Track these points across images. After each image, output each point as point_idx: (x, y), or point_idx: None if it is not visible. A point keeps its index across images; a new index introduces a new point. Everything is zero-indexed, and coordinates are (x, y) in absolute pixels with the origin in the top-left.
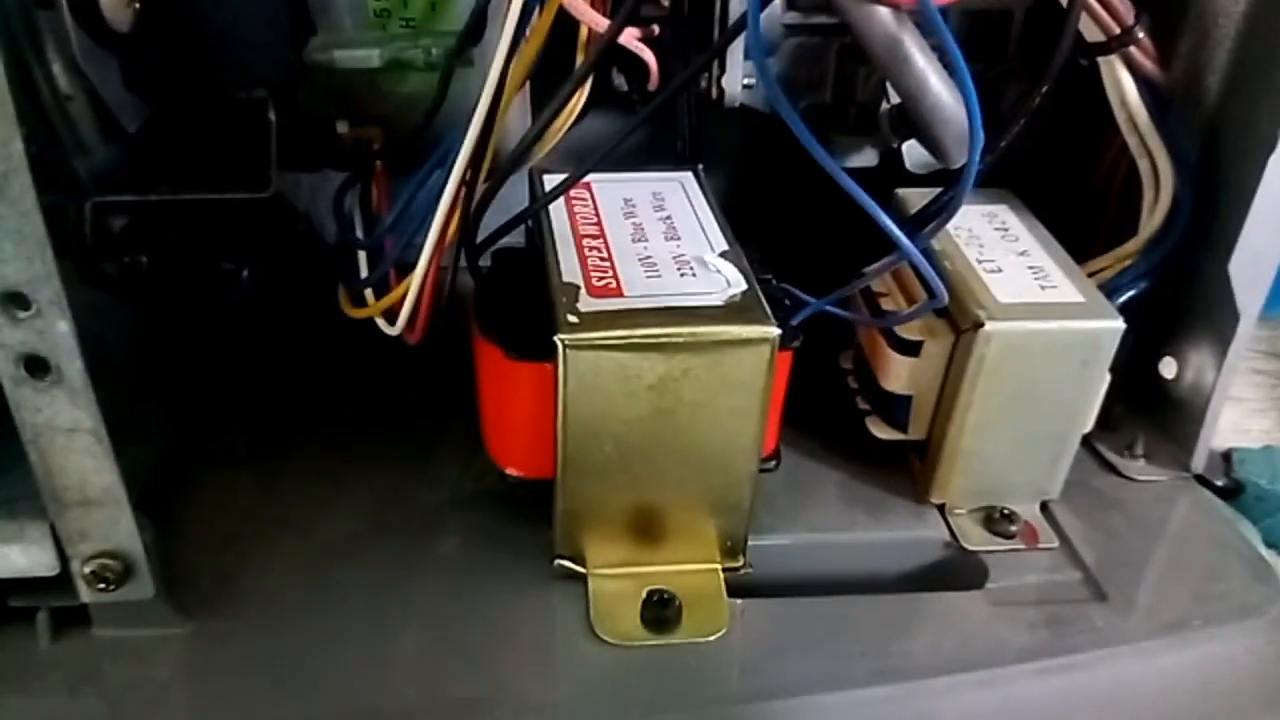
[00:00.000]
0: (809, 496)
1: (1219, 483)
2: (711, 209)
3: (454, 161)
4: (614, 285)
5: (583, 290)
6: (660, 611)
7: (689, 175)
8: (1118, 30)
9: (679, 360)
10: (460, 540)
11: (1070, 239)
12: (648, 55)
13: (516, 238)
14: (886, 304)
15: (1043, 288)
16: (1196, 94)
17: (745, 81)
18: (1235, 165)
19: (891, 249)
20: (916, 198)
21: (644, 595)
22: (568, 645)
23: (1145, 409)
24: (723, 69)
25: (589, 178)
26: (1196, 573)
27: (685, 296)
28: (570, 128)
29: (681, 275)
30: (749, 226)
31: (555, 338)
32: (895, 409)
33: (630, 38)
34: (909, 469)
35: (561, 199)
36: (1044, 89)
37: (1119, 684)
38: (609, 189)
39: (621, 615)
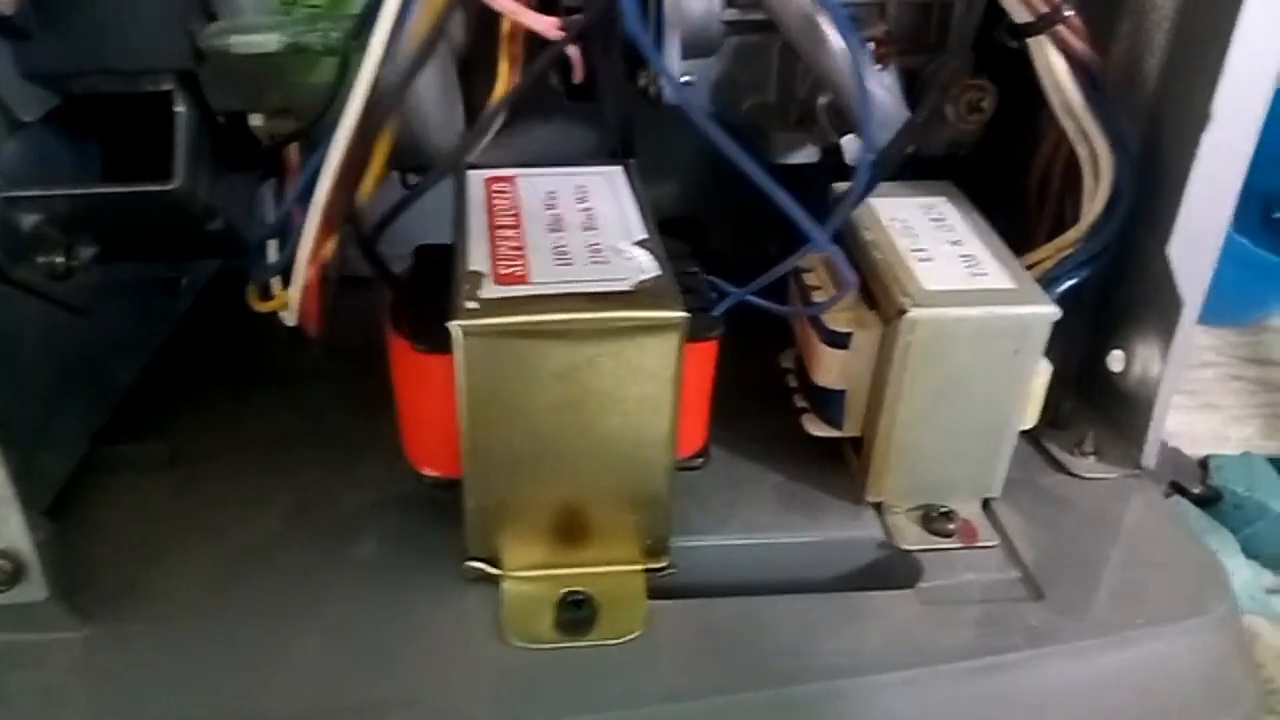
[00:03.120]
0: (745, 497)
1: (1196, 490)
2: (636, 202)
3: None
4: (521, 273)
5: (488, 278)
6: (574, 613)
7: (618, 170)
8: (1045, 9)
9: (584, 347)
10: (377, 544)
11: (1020, 231)
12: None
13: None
14: (818, 297)
15: (973, 275)
16: (1137, 77)
17: (685, 79)
18: (1172, 146)
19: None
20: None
21: (559, 597)
22: (476, 649)
23: (1096, 405)
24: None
25: (515, 172)
26: (1140, 571)
27: (594, 283)
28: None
29: (594, 263)
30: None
31: (451, 324)
32: (829, 405)
33: (550, 28)
34: (849, 468)
35: (483, 192)
36: (951, 64)
37: (1052, 684)
38: (534, 182)
39: (534, 618)
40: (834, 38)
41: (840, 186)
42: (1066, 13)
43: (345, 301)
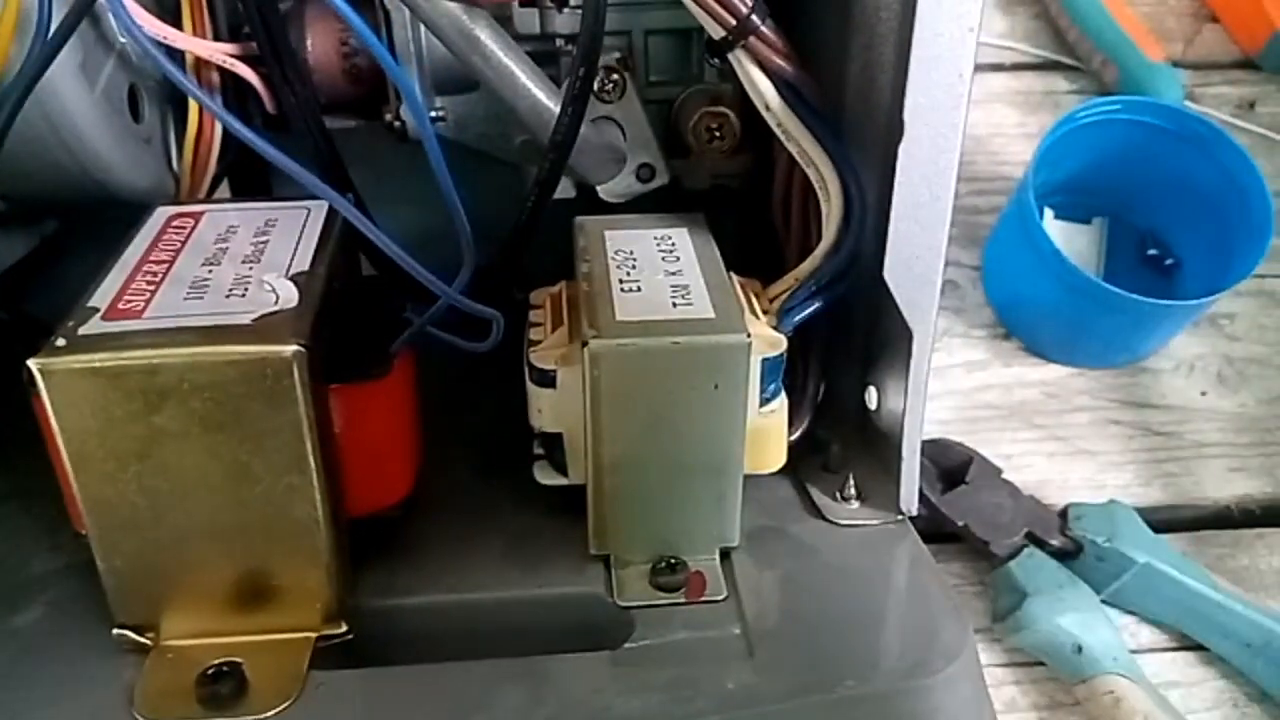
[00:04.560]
0: (470, 550)
1: (1054, 543)
2: (323, 237)
3: None
4: (139, 308)
5: (98, 314)
6: (216, 686)
7: (322, 205)
8: (733, 22)
9: (185, 387)
10: (46, 611)
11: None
12: (248, 74)
13: None
14: (535, 335)
15: (675, 305)
16: (872, 95)
17: (433, 114)
18: (882, 164)
19: None
20: (594, 225)
21: (203, 669)
22: None
23: (863, 446)
24: (400, 100)
25: (205, 207)
26: (867, 628)
27: (213, 316)
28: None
29: (229, 296)
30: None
31: (29, 362)
32: (554, 450)
33: (222, 54)
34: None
35: (159, 226)
36: (579, 78)
37: None
38: (217, 217)
39: (173, 693)
40: (498, 54)
41: (584, 220)
42: (758, 25)
43: None
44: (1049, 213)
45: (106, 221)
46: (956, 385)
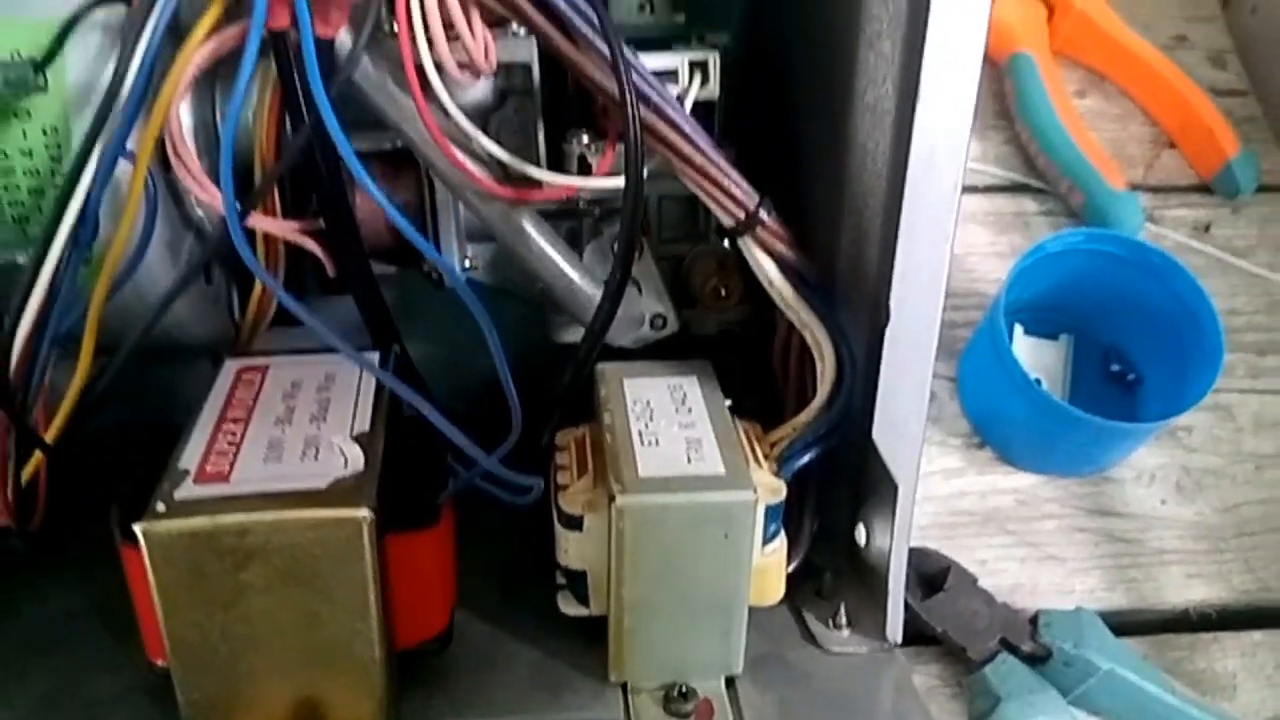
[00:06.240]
0: (498, 675)
1: (1025, 648)
2: (378, 395)
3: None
4: (225, 471)
5: (189, 476)
6: None
7: (374, 356)
8: (742, 215)
9: (269, 546)
10: None
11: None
12: (313, 247)
13: None
14: (563, 479)
15: (689, 460)
16: (860, 269)
17: (466, 264)
18: (869, 339)
19: None
20: (614, 373)
21: None
22: None
23: (853, 577)
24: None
25: (268, 360)
26: None
27: (290, 480)
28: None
29: (302, 459)
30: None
31: (136, 525)
32: (577, 584)
33: (292, 232)
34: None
35: (230, 382)
36: (617, 283)
37: None
38: (285, 371)
39: None
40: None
41: (606, 367)
42: (764, 218)
43: None
44: (1019, 328)
45: None
46: (934, 491)
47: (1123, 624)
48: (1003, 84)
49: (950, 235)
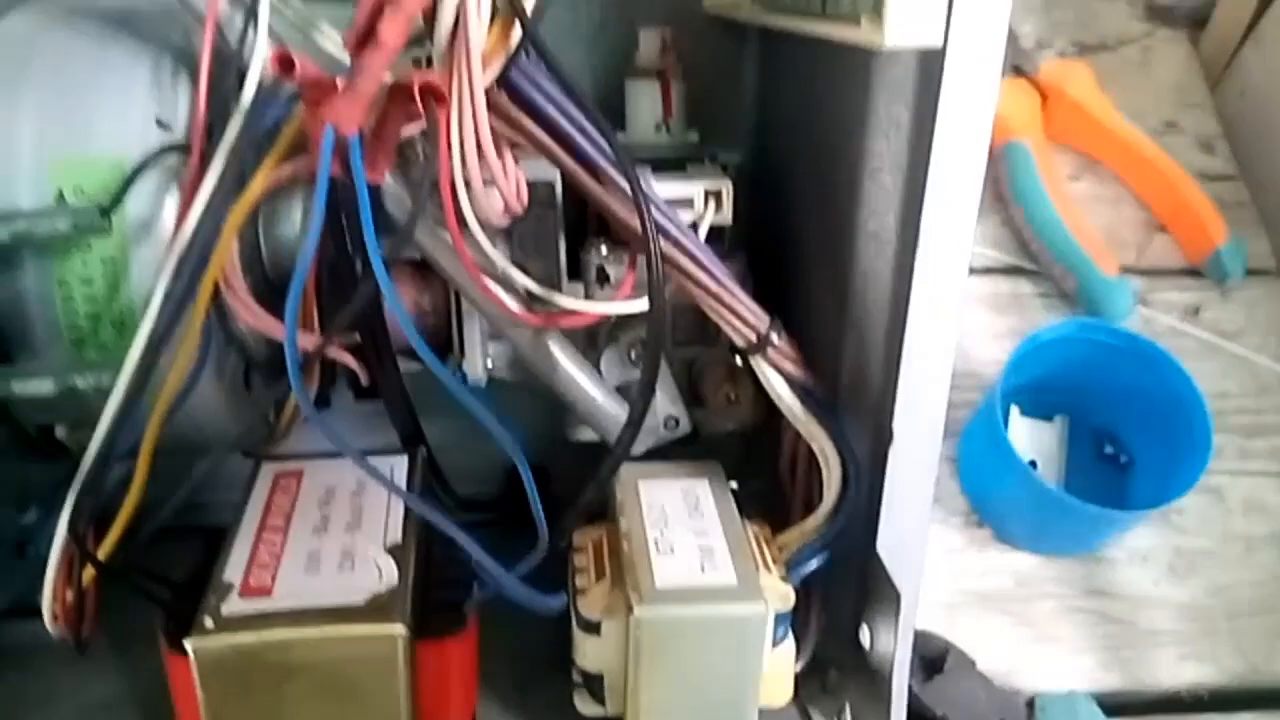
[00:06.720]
0: None
1: None
2: (408, 496)
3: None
4: (268, 584)
5: (234, 590)
6: None
7: (403, 459)
8: (754, 338)
9: (312, 659)
10: None
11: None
12: (350, 361)
13: None
14: (580, 581)
15: (703, 570)
16: (863, 386)
17: (487, 363)
18: (873, 458)
19: None
20: (629, 476)
21: None
22: None
23: (858, 675)
24: (462, 354)
25: (302, 465)
26: None
27: (328, 595)
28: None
29: (340, 570)
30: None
31: (186, 641)
32: (594, 684)
33: (334, 350)
34: None
35: (268, 487)
36: (639, 411)
37: None
38: (320, 475)
39: None
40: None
41: None
42: (775, 339)
43: None
44: (1015, 410)
45: None
46: (935, 569)
47: (1116, 705)
48: (998, 168)
49: (951, 362)
